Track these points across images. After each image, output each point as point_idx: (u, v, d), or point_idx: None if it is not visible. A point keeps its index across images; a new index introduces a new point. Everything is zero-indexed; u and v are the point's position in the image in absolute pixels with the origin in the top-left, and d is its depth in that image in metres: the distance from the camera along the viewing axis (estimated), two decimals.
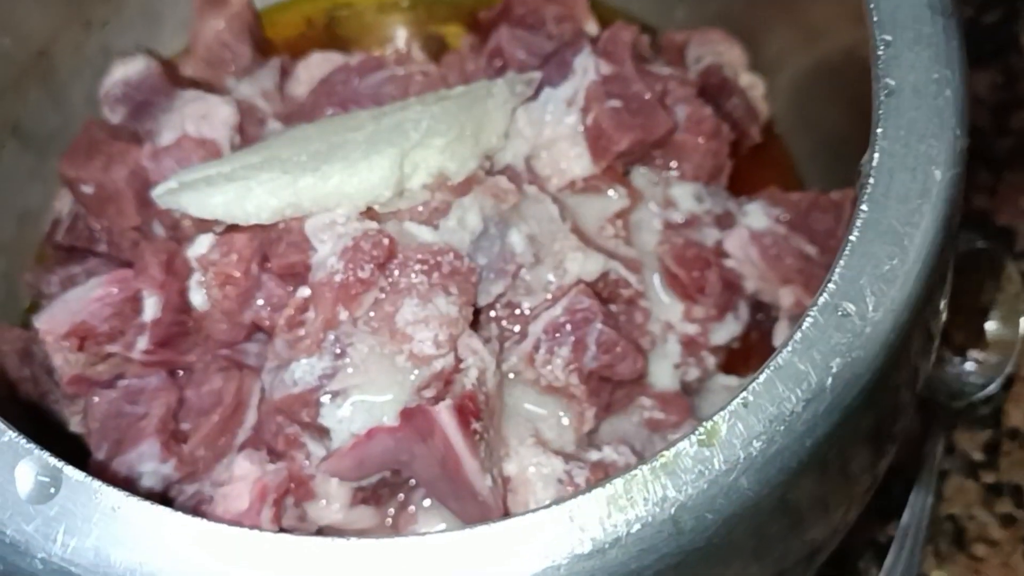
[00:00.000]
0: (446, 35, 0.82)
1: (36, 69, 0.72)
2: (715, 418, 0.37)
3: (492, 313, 0.61)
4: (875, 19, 0.44)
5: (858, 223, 0.40)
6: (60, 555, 0.35)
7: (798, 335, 0.38)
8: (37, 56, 0.72)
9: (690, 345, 0.64)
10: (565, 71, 0.65)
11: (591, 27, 0.77)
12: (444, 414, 0.51)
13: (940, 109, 0.42)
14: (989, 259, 0.75)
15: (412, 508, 0.59)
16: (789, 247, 0.65)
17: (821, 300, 0.39)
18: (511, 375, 0.60)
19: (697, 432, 0.37)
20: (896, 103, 0.42)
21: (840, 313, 0.38)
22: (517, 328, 0.60)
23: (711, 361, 0.65)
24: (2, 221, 0.71)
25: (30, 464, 0.36)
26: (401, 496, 0.59)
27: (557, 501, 0.36)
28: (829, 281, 0.39)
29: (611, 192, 0.65)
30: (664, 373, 0.63)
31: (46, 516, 0.35)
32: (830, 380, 0.38)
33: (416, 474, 0.56)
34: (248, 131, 0.69)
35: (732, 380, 0.66)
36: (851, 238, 0.40)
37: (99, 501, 0.36)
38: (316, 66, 0.75)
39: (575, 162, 0.64)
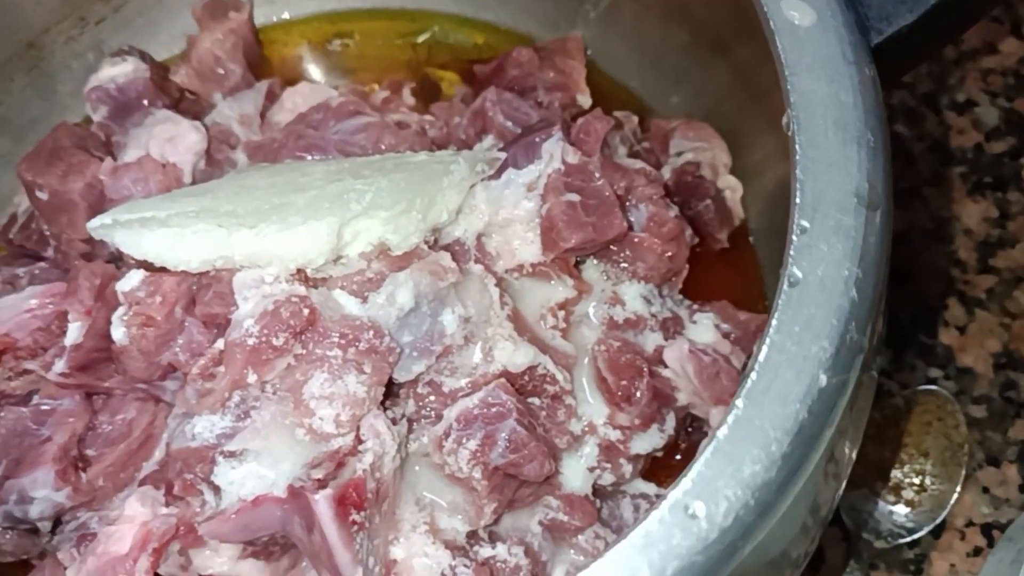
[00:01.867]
0: (442, 80, 0.81)
1: (24, 58, 0.73)
2: None
3: (414, 389, 0.60)
4: (797, 201, 0.42)
5: (729, 419, 0.39)
6: None
7: (642, 530, 0.37)
8: (26, 47, 0.72)
9: (609, 450, 0.63)
10: (532, 155, 0.65)
11: (584, 99, 0.76)
12: (322, 504, 0.51)
13: (842, 310, 0.41)
14: (941, 404, 0.74)
15: (303, 568, 0.59)
16: (728, 367, 0.64)
17: (672, 496, 0.38)
18: (421, 456, 0.60)
19: None
20: (797, 296, 0.41)
21: (688, 513, 0.38)
22: (435, 409, 0.60)
23: (628, 468, 0.64)
24: None
25: None
26: (293, 555, 0.59)
27: None
28: (685, 476, 0.38)
29: (558, 282, 0.64)
30: (576, 475, 0.62)
31: None
32: None
33: (300, 544, 0.56)
34: (215, 157, 0.69)
35: (650, 488, 0.65)
36: (718, 434, 0.39)
37: None
38: (302, 96, 0.75)
39: (526, 247, 0.64)
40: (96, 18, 0.75)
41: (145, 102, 0.72)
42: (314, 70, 0.82)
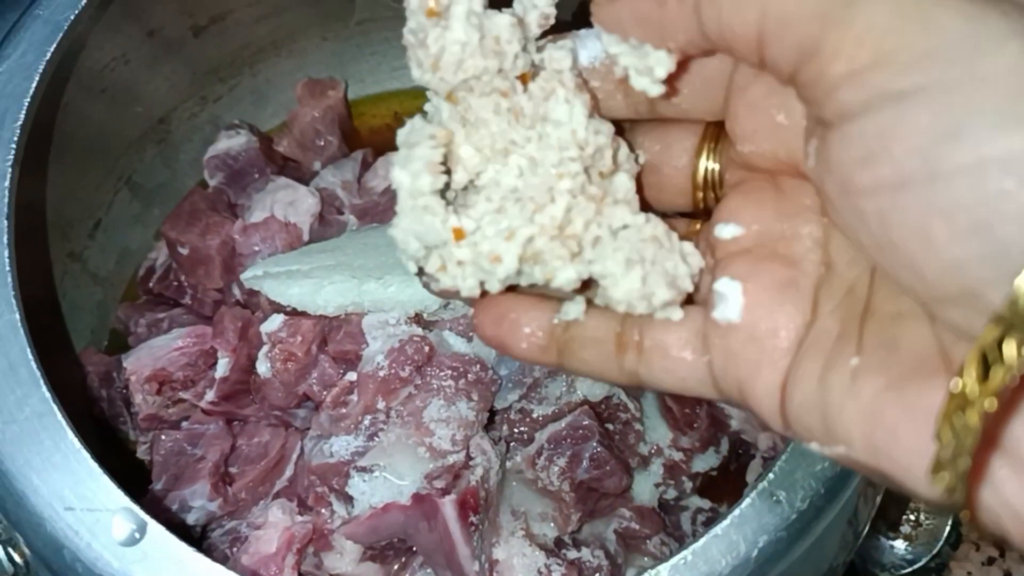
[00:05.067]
0: None
1: (155, 132, 0.84)
2: (660, 567, 0.47)
3: (507, 416, 0.71)
4: None
5: None
6: None
7: (737, 511, 0.48)
8: (158, 122, 0.83)
9: (673, 469, 0.73)
10: None
11: None
12: (448, 506, 0.61)
13: None
14: None
15: (413, 570, 0.69)
16: None
17: (760, 486, 0.48)
18: (515, 472, 0.70)
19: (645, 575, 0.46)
20: None
21: (774, 499, 0.48)
22: (526, 432, 0.70)
23: (688, 485, 0.74)
24: (106, 257, 0.82)
25: (125, 515, 0.46)
26: (404, 559, 0.69)
27: None
28: (769, 472, 0.48)
29: None
30: (645, 490, 0.73)
31: (130, 558, 0.45)
32: (755, 552, 0.47)
33: (418, 545, 0.66)
34: (327, 218, 0.80)
35: (705, 503, 0.75)
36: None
37: (171, 552, 0.46)
38: None
39: None
40: (214, 97, 0.86)
41: (254, 169, 0.83)
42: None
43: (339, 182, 0.84)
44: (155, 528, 0.46)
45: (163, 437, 0.69)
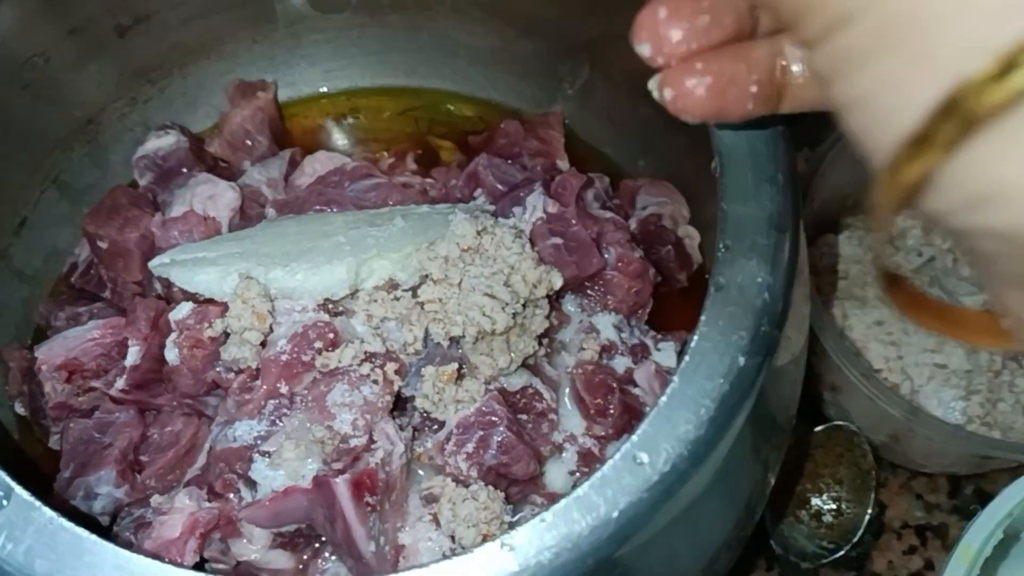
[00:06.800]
0: (441, 148, 0.93)
1: (83, 132, 0.85)
2: (520, 528, 0.47)
3: (418, 402, 0.71)
4: (722, 228, 0.54)
5: (668, 390, 0.50)
6: None
7: (599, 474, 0.48)
8: (86, 122, 0.85)
9: (586, 457, 0.73)
10: (517, 207, 0.76)
11: (563, 163, 0.88)
12: (341, 486, 0.61)
13: (756, 308, 0.52)
14: (848, 437, 0.84)
15: (324, 559, 0.69)
16: None
17: (623, 448, 0.49)
18: (426, 459, 0.70)
19: (504, 538, 0.47)
20: (722, 297, 0.52)
21: (636, 461, 0.48)
22: (436, 419, 0.71)
23: None
24: (32, 255, 0.83)
25: None
26: (316, 546, 0.69)
27: None
28: (632, 434, 0.49)
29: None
30: (559, 477, 0.73)
31: None
32: (616, 513, 0.47)
33: (323, 531, 0.66)
34: (248, 213, 0.81)
35: None
36: (659, 402, 0.50)
37: (36, 517, 0.46)
38: (320, 163, 0.87)
39: None
40: (144, 98, 0.88)
41: (184, 169, 0.84)
42: (329, 140, 0.94)
43: (264, 180, 0.85)
44: (20, 494, 0.47)
45: (72, 425, 0.69)
